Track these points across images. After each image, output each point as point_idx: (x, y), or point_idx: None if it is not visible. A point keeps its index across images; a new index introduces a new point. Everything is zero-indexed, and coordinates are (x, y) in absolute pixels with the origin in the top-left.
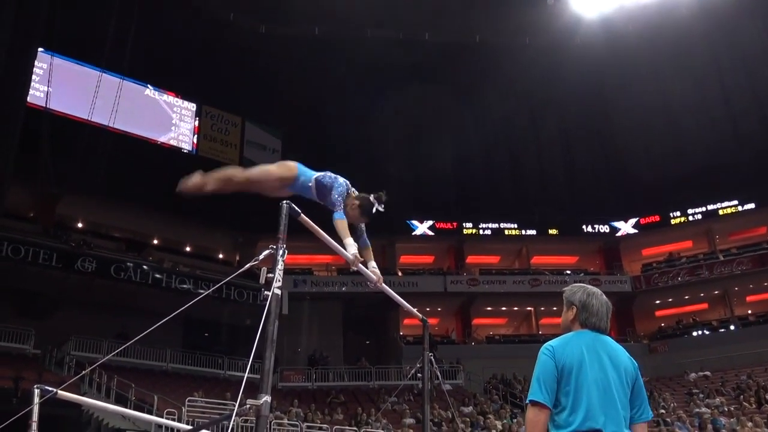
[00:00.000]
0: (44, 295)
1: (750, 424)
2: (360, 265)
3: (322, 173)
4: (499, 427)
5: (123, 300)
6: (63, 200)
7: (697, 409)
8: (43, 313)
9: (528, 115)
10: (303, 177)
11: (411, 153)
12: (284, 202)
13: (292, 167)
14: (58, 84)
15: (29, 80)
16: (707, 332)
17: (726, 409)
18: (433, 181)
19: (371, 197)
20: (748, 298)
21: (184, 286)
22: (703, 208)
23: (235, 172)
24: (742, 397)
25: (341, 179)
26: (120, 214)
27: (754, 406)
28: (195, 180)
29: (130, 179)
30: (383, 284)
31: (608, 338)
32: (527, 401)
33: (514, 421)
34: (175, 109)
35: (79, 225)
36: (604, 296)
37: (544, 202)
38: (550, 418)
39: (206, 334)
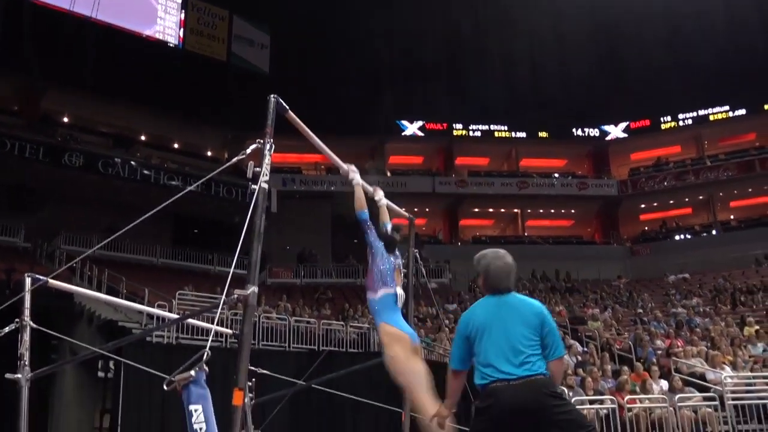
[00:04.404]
0: (33, 189)
1: (723, 323)
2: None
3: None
4: None
5: (112, 196)
6: (48, 94)
7: (674, 309)
8: (32, 207)
9: (523, 16)
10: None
11: (403, 52)
12: (272, 96)
13: (394, 332)
14: None
15: None
16: (689, 236)
17: (701, 310)
18: (424, 81)
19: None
20: (732, 204)
21: (173, 182)
22: (694, 113)
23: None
24: (717, 298)
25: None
26: (106, 109)
27: (728, 307)
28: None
29: (116, 73)
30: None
31: (512, 296)
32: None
33: None
34: (160, 0)
35: (65, 119)
36: (509, 257)
37: (535, 105)
38: (476, 368)
39: (196, 231)
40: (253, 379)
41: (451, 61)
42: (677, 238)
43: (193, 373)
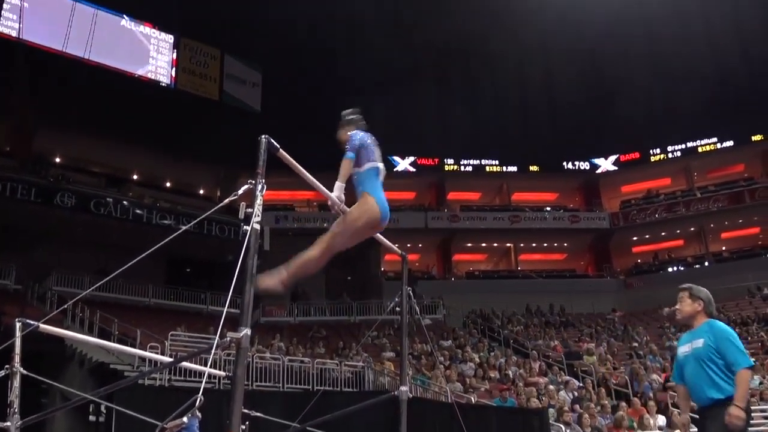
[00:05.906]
0: (24, 230)
1: None
2: (342, 206)
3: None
4: (477, 359)
5: (104, 236)
6: (39, 134)
7: (669, 342)
8: (23, 247)
9: (513, 52)
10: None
11: (392, 87)
12: (263, 136)
13: (373, 205)
14: (30, 14)
15: None
16: (682, 268)
17: None
18: (415, 116)
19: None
20: (723, 235)
21: (165, 221)
22: (683, 146)
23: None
24: None
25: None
26: (98, 149)
27: None
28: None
29: (108, 113)
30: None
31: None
32: (743, 367)
33: (492, 354)
34: (152, 41)
35: (57, 159)
36: None
37: (525, 139)
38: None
39: (188, 270)
40: (247, 422)
41: (441, 97)
42: (670, 270)
43: (185, 419)
